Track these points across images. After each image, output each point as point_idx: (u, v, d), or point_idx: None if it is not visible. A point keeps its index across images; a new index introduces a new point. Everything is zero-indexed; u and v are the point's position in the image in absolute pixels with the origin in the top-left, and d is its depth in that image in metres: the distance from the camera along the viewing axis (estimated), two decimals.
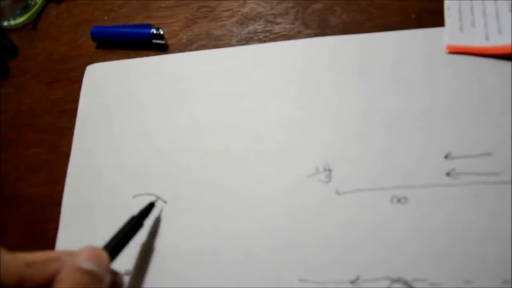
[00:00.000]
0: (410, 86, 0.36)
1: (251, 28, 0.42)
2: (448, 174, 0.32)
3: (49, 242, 0.38)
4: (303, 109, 0.37)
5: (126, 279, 0.34)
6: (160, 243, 0.35)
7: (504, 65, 0.35)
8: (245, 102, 0.39)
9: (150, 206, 0.35)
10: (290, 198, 0.34)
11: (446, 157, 0.33)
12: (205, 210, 0.36)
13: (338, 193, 0.34)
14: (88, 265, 0.26)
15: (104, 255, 0.28)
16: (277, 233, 0.33)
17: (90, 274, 0.26)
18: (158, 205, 0.37)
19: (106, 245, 0.31)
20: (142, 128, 0.40)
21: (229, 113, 0.38)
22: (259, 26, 0.42)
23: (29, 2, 0.51)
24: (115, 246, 0.31)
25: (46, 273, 0.26)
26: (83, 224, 0.38)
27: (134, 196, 0.38)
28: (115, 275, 0.31)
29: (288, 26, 0.41)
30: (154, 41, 0.43)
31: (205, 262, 0.34)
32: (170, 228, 0.36)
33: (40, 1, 0.51)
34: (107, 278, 0.27)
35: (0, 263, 0.24)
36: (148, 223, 0.35)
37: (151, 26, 0.43)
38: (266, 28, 0.42)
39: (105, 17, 0.48)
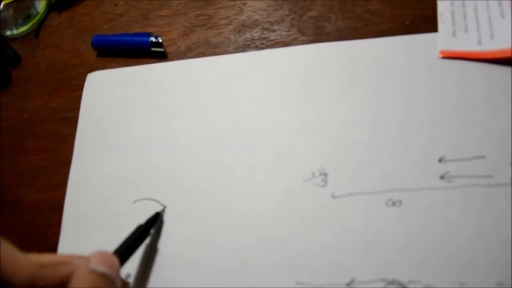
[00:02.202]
0: (404, 91, 0.36)
1: (248, 35, 0.43)
2: (442, 177, 0.33)
3: (50, 248, 0.38)
4: (299, 114, 0.37)
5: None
6: (159, 248, 0.36)
7: (496, 69, 0.35)
8: (242, 109, 0.39)
9: (157, 216, 0.36)
10: (287, 202, 0.35)
11: (440, 160, 0.33)
12: (202, 216, 0.36)
13: (334, 197, 0.34)
14: (101, 268, 0.27)
15: (115, 260, 0.29)
16: (273, 237, 0.34)
17: (104, 276, 0.27)
18: (160, 208, 0.37)
19: (115, 250, 0.32)
20: (142, 135, 0.41)
21: (227, 120, 0.39)
22: (255, 33, 0.43)
23: (31, 11, 0.52)
24: (124, 252, 0.32)
25: (58, 275, 0.26)
26: (84, 230, 0.38)
27: (134, 201, 0.38)
28: (123, 282, 0.31)
29: (284, 33, 0.42)
30: (153, 49, 0.44)
31: (202, 270, 0.34)
32: (166, 237, 0.36)
33: (42, 11, 0.52)
34: (118, 282, 0.28)
35: (14, 262, 0.25)
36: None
37: (150, 35, 0.44)
38: (263, 36, 0.42)
39: (105, 26, 0.48)
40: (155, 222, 0.36)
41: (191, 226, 0.36)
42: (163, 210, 0.37)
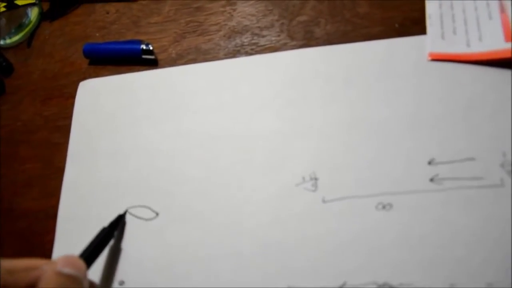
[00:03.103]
0: (394, 93, 0.36)
1: (238, 41, 0.43)
2: (432, 179, 0.33)
3: (45, 255, 0.39)
4: (290, 120, 0.38)
5: None
6: (152, 253, 0.36)
7: (485, 71, 0.35)
8: (233, 114, 0.39)
9: (119, 218, 0.37)
10: (278, 207, 0.35)
11: (430, 163, 0.33)
12: (195, 220, 0.36)
13: (324, 201, 0.34)
14: (67, 270, 0.28)
15: (81, 262, 0.30)
16: (265, 241, 0.34)
17: (70, 277, 0.28)
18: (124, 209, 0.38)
19: (81, 254, 0.32)
20: (134, 141, 0.41)
21: (218, 125, 0.39)
22: (245, 39, 0.43)
23: (24, 20, 0.52)
24: (90, 255, 0.33)
25: (27, 280, 0.27)
26: (78, 237, 0.38)
27: (128, 208, 0.38)
28: (92, 284, 0.32)
29: (274, 38, 0.42)
30: (144, 56, 0.44)
31: (196, 271, 0.34)
32: (162, 239, 0.36)
33: (34, 19, 0.52)
34: (86, 283, 0.29)
35: None
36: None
37: (141, 42, 0.44)
38: (253, 41, 0.43)
39: (97, 34, 0.49)
40: (118, 224, 0.37)
41: (186, 228, 0.36)
42: (125, 213, 0.38)
